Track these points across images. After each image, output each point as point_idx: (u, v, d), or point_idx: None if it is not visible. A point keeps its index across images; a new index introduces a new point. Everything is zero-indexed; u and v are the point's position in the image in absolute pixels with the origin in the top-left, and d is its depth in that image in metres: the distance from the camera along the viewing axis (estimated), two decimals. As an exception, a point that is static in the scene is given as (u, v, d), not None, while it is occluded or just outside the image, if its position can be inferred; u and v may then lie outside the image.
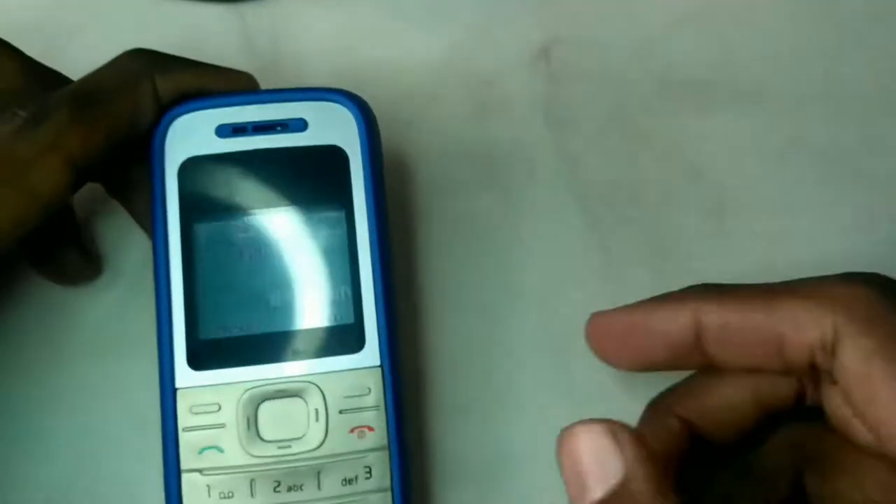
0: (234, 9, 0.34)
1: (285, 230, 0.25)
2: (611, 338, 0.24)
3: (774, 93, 0.32)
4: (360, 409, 0.23)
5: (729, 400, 0.23)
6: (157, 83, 0.25)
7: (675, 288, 0.30)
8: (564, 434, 0.20)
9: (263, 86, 0.32)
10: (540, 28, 0.34)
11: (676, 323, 0.22)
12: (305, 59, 0.33)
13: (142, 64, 0.25)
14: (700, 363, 0.23)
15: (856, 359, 0.19)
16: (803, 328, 0.20)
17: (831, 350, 0.20)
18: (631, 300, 0.29)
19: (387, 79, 0.33)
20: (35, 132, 0.22)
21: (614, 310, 0.24)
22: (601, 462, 0.19)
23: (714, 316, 0.22)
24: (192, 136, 0.25)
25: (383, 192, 0.25)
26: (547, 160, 0.31)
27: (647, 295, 0.30)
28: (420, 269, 0.30)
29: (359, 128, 0.25)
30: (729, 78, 0.33)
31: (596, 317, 0.24)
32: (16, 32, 0.34)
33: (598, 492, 0.19)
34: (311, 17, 0.34)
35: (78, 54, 0.33)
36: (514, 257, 0.30)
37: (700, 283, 0.23)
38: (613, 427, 0.19)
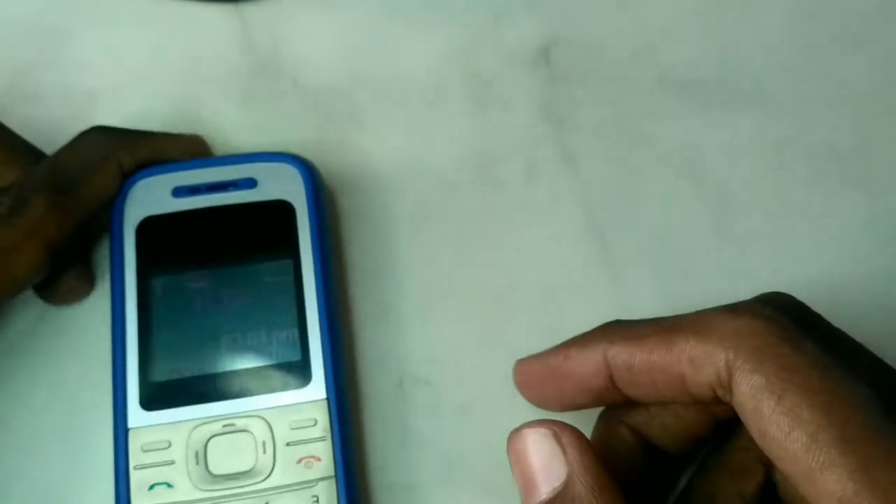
0: (233, 9, 0.34)
1: (237, 278, 0.26)
2: (534, 384, 0.25)
3: (773, 93, 0.32)
4: (308, 440, 0.24)
5: (676, 410, 0.23)
6: (121, 159, 0.27)
7: (674, 289, 0.30)
8: (513, 435, 0.21)
9: (263, 85, 0.32)
10: (540, 28, 0.33)
11: (588, 366, 0.22)
12: (305, 60, 0.33)
13: (108, 143, 0.27)
14: (621, 399, 0.23)
15: (747, 395, 0.19)
16: (700, 366, 0.20)
17: (728, 387, 0.20)
18: (631, 300, 0.29)
19: (386, 79, 0.33)
20: (17, 220, 0.24)
21: (535, 356, 0.24)
22: (547, 464, 0.20)
23: (620, 358, 0.21)
24: (150, 197, 0.27)
25: (328, 239, 0.27)
26: (546, 160, 0.31)
27: (647, 295, 0.30)
28: (419, 269, 0.30)
29: (304, 183, 0.27)
30: (728, 78, 0.33)
31: (519, 364, 0.25)
32: (16, 33, 0.34)
33: (544, 492, 0.20)
34: (311, 18, 0.34)
35: (78, 54, 0.34)
36: (513, 258, 0.30)
37: (614, 319, 0.24)
38: (557, 430, 0.20)
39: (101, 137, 0.27)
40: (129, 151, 0.27)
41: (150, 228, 0.27)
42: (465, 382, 0.28)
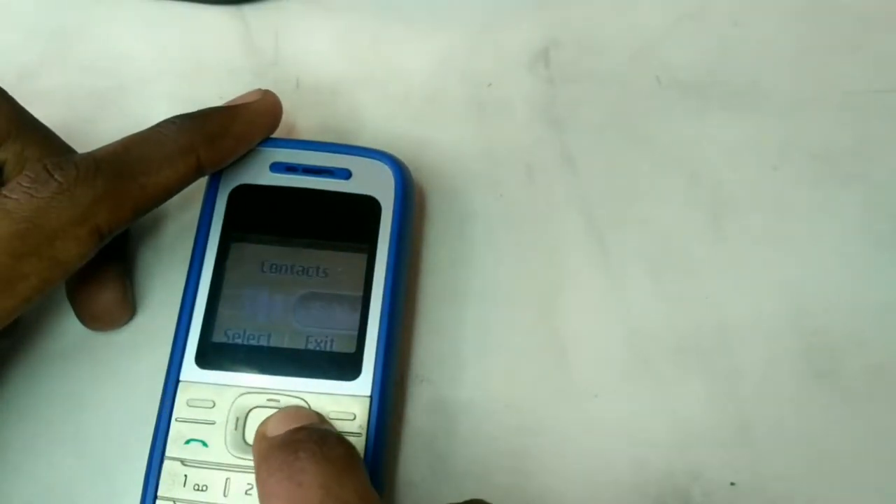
0: (235, 11, 0.34)
1: (311, 260, 0.27)
2: None
3: (771, 94, 0.33)
4: (343, 433, 0.24)
5: None
6: (201, 157, 0.26)
7: (673, 289, 0.30)
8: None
9: (266, 86, 0.32)
10: (539, 30, 0.34)
11: None
12: (306, 61, 0.33)
13: (189, 138, 0.25)
14: None
15: None
16: None
17: None
18: (630, 300, 0.30)
19: (386, 80, 0.33)
20: (69, 203, 0.23)
21: None
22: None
23: None
24: (248, 167, 0.28)
25: (407, 244, 0.28)
26: (546, 161, 0.32)
27: (646, 295, 0.30)
28: (419, 269, 0.30)
29: (396, 185, 0.28)
30: (726, 79, 0.33)
31: None
32: (20, 34, 0.34)
33: None
34: (312, 19, 0.34)
35: (82, 56, 0.34)
36: (513, 258, 0.30)
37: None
38: None
39: (185, 130, 0.26)
40: (213, 149, 0.26)
41: (243, 196, 0.28)
42: (464, 382, 0.28)
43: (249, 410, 0.25)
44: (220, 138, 0.26)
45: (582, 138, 0.32)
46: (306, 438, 0.22)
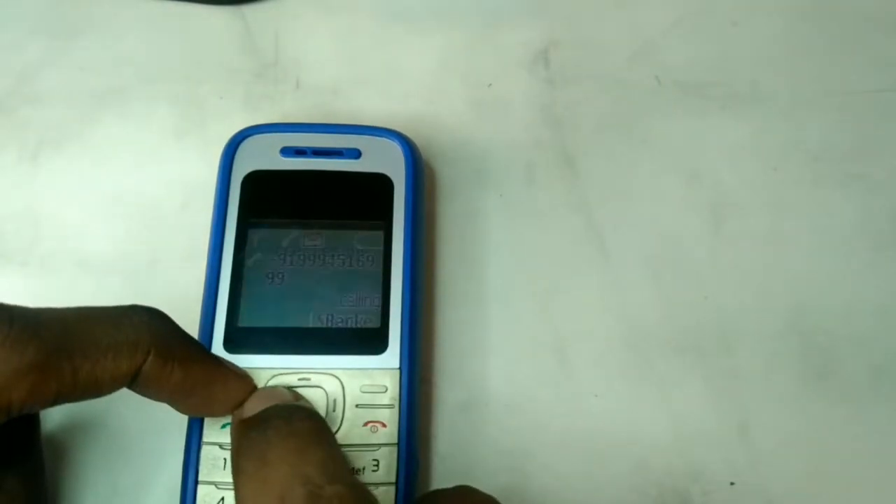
0: (235, 11, 0.34)
1: (328, 240, 0.28)
2: None
3: (771, 94, 0.33)
4: (376, 405, 0.25)
5: None
6: (148, 362, 0.21)
7: (673, 288, 0.30)
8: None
9: (266, 86, 0.32)
10: (538, 31, 0.34)
11: None
12: (307, 61, 0.33)
13: (151, 332, 0.22)
14: None
15: None
16: None
17: None
18: (630, 300, 0.30)
19: (386, 80, 0.33)
20: None
21: None
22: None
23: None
24: (258, 152, 0.29)
25: (421, 219, 0.29)
26: (545, 162, 0.32)
27: (646, 295, 0.30)
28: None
29: (406, 162, 0.29)
30: (726, 80, 0.33)
31: None
32: (20, 34, 0.34)
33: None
34: (313, 19, 0.34)
35: (82, 56, 0.34)
36: (513, 258, 0.30)
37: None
38: None
39: (148, 322, 0.22)
40: (165, 353, 0.22)
41: (256, 182, 0.28)
42: (464, 381, 0.28)
43: None
44: (182, 353, 0.22)
45: (582, 138, 0.32)
46: (275, 414, 0.22)
